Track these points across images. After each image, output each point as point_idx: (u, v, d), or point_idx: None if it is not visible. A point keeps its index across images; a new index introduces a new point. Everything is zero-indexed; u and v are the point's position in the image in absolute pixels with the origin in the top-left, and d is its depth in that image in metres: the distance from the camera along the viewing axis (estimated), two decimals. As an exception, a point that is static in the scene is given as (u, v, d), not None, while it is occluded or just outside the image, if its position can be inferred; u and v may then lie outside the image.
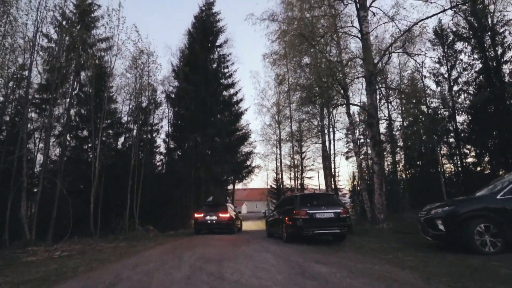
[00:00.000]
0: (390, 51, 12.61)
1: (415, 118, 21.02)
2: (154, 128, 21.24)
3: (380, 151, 12.85)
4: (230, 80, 22.62)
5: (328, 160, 20.43)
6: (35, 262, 6.35)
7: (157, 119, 21.27)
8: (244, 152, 23.62)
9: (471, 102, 17.60)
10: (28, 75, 12.11)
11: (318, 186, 27.54)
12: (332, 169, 21.29)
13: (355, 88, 19.13)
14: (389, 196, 18.98)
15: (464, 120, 18.96)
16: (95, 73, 14.64)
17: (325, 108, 19.20)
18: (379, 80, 15.31)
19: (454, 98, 18.67)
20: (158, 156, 22.46)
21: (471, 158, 19.21)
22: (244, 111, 22.71)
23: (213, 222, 12.13)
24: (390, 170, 24.25)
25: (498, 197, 5.58)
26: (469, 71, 18.12)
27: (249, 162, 23.77)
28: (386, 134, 23.14)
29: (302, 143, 25.72)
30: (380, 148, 12.68)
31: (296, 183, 27.49)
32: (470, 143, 18.71)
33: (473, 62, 17.85)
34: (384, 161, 22.27)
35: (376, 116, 12.24)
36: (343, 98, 14.52)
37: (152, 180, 17.95)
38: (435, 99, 19.73)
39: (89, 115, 14.86)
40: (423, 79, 19.95)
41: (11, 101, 14.27)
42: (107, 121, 17.35)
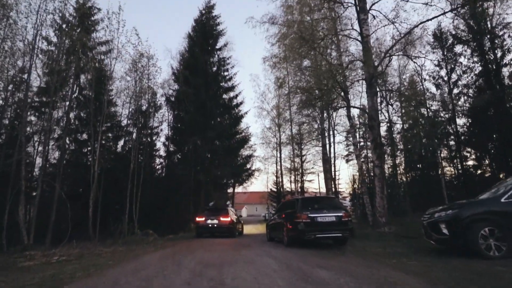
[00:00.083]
0: (391, 54, 12.62)
1: (415, 121, 21.04)
2: (154, 131, 21.18)
3: (381, 153, 12.80)
4: (230, 83, 22.60)
5: (328, 163, 20.35)
6: (32, 267, 6.24)
7: (157, 122, 21.24)
8: (244, 155, 23.59)
9: (471, 105, 17.62)
10: (28, 78, 12.09)
11: (318, 189, 27.48)
12: (333, 172, 21.20)
13: (356, 91, 19.12)
14: (389, 199, 18.87)
15: (464, 123, 19.02)
16: (94, 76, 14.60)
17: (325, 111, 19.15)
18: (379, 83, 15.30)
19: (454, 101, 18.69)
20: (158, 160, 22.39)
21: (472, 161, 19.24)
22: (244, 114, 22.62)
23: (214, 226, 12.28)
24: (391, 173, 24.19)
25: (502, 200, 5.52)
26: (468, 74, 18.18)
27: (249, 165, 23.78)
28: (386, 137, 23.11)
29: (302, 146, 25.59)
30: (381, 150, 12.63)
31: (296, 186, 27.38)
32: (470, 146, 18.69)
33: (472, 65, 17.92)
34: (385, 164, 22.18)
35: (377, 118, 12.22)
36: (344, 101, 14.51)
37: (151, 183, 17.84)
38: (435, 102, 19.78)
39: (88, 118, 14.79)
40: (423, 82, 20.02)
41: (10, 104, 14.21)
42: (106, 124, 17.28)
